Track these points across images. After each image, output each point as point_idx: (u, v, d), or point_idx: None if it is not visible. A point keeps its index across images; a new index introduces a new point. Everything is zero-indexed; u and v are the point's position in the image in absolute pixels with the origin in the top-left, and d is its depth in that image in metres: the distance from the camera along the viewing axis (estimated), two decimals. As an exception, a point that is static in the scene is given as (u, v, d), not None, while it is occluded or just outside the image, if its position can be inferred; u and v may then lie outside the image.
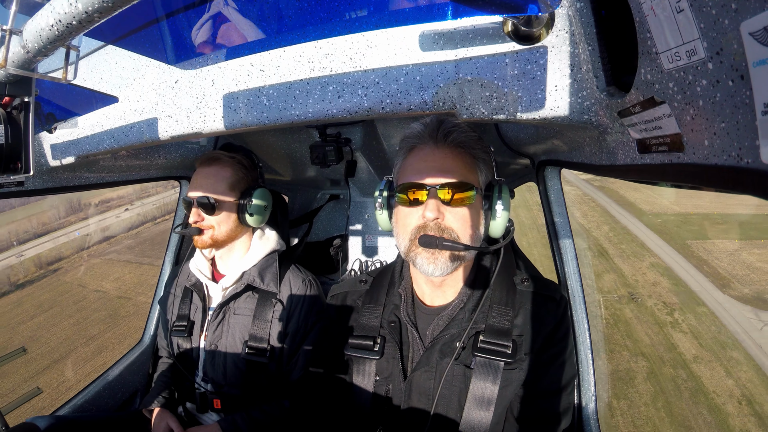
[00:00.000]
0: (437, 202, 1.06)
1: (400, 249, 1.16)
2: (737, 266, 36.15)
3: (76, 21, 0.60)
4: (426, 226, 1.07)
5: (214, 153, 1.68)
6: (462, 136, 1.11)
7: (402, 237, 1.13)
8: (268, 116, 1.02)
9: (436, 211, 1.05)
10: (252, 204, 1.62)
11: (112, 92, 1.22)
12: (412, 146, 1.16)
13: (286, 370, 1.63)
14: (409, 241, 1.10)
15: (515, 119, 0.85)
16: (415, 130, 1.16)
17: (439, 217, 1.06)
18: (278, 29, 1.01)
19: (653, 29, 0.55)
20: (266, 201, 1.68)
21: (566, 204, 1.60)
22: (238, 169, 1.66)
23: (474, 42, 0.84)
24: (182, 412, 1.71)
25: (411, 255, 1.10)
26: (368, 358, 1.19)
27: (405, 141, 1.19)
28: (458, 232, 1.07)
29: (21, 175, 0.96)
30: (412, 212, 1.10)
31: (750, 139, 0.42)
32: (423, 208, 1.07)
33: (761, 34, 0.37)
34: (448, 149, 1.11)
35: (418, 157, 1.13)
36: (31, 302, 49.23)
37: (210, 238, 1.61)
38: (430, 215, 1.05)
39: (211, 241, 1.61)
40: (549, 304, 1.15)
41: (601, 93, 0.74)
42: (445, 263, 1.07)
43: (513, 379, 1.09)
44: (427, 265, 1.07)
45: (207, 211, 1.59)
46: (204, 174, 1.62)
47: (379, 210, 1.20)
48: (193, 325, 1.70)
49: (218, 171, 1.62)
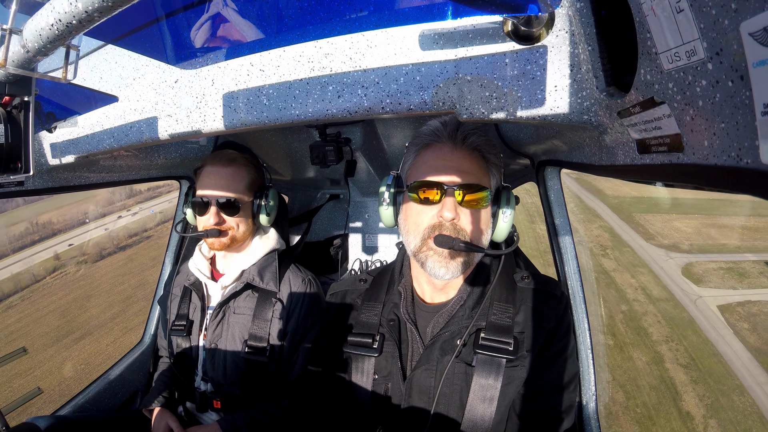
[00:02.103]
0: (454, 201, 1.05)
1: (409, 248, 1.14)
2: (666, 228, 53.70)
3: (76, 20, 0.60)
4: (441, 225, 1.06)
5: (229, 153, 1.68)
6: (480, 140, 1.11)
7: (413, 235, 1.12)
8: (268, 116, 1.02)
9: (454, 211, 1.04)
10: (268, 204, 1.66)
11: (112, 92, 1.22)
12: (427, 144, 1.14)
13: (286, 369, 1.63)
14: (421, 241, 1.09)
15: (515, 119, 0.85)
16: (432, 128, 1.15)
17: (456, 217, 1.05)
18: (278, 29, 1.00)
19: (653, 29, 0.55)
20: (276, 200, 1.72)
21: (566, 204, 1.60)
22: (252, 170, 1.68)
23: (474, 42, 0.84)
24: (182, 412, 1.71)
25: (421, 255, 1.09)
26: (366, 356, 1.19)
27: (420, 138, 1.17)
28: (471, 234, 1.07)
29: (21, 175, 0.96)
30: (426, 210, 1.09)
31: (750, 139, 0.42)
32: (440, 207, 1.06)
33: (761, 35, 0.37)
34: (467, 151, 1.10)
35: (435, 156, 1.12)
36: (141, 258, 66.69)
37: (229, 239, 1.61)
38: (448, 215, 1.04)
39: (229, 241, 1.61)
40: (550, 300, 1.15)
41: (601, 93, 0.74)
42: (456, 267, 1.07)
43: (515, 376, 1.08)
44: (438, 269, 1.07)
45: (229, 212, 1.59)
46: (221, 174, 1.61)
47: (384, 206, 1.17)
48: (192, 325, 1.70)
49: (237, 171, 1.63)
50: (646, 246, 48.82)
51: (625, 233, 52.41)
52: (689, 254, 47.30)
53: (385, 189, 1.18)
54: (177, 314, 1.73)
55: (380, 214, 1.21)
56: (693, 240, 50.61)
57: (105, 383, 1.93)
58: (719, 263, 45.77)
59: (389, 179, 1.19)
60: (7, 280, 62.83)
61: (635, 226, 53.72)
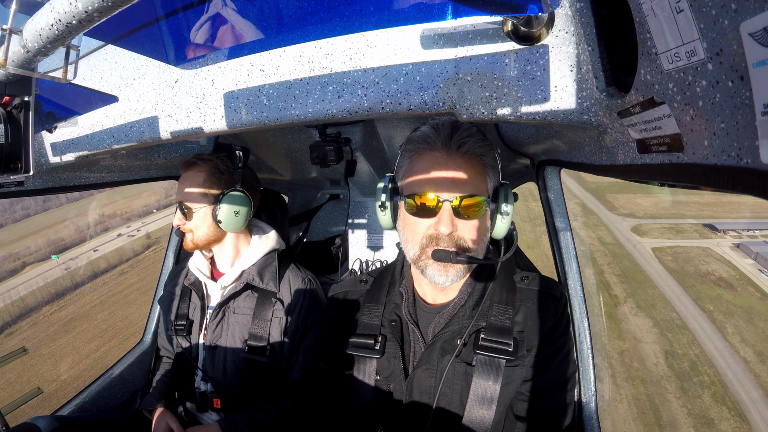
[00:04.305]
0: (451, 215, 1.04)
1: (408, 255, 1.13)
2: (629, 203, 76.22)
3: (76, 20, 0.60)
4: (438, 237, 1.05)
5: (191, 157, 1.66)
6: (476, 144, 1.08)
7: (411, 244, 1.11)
8: (268, 116, 1.02)
9: (450, 224, 1.03)
10: (221, 208, 1.57)
11: (112, 92, 1.22)
12: (420, 151, 1.11)
13: (286, 369, 1.63)
14: (420, 250, 1.08)
15: (515, 119, 0.85)
16: (424, 134, 1.11)
17: (453, 228, 1.04)
18: (278, 29, 1.00)
19: (653, 30, 0.55)
20: (237, 205, 1.60)
21: (566, 203, 1.61)
22: (213, 173, 1.63)
23: (474, 42, 0.84)
24: (182, 412, 1.71)
25: (420, 263, 1.09)
26: (369, 357, 1.19)
27: (413, 144, 1.13)
28: (470, 243, 1.06)
29: (21, 175, 0.95)
30: (422, 221, 1.07)
31: (750, 139, 0.42)
32: (436, 220, 1.05)
33: (761, 35, 0.37)
34: (461, 159, 1.07)
35: (428, 164, 1.08)
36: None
37: (191, 241, 1.63)
38: (444, 230, 1.03)
39: (192, 244, 1.63)
40: (549, 301, 1.15)
41: (601, 93, 0.74)
42: (456, 274, 1.07)
43: (514, 376, 1.09)
44: (438, 276, 1.07)
45: (184, 216, 1.60)
46: (182, 179, 1.64)
47: (381, 211, 1.15)
48: (192, 324, 1.70)
49: (193, 176, 1.62)
50: (608, 214, 71.12)
51: (594, 206, 75.36)
52: (641, 219, 68.37)
53: (381, 193, 1.15)
54: (177, 314, 1.73)
55: (378, 219, 1.19)
56: (648, 210, 72.03)
57: (105, 383, 1.93)
58: (664, 224, 66.11)
59: (386, 180, 1.17)
60: (113, 252, 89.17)
61: (604, 202, 76.03)
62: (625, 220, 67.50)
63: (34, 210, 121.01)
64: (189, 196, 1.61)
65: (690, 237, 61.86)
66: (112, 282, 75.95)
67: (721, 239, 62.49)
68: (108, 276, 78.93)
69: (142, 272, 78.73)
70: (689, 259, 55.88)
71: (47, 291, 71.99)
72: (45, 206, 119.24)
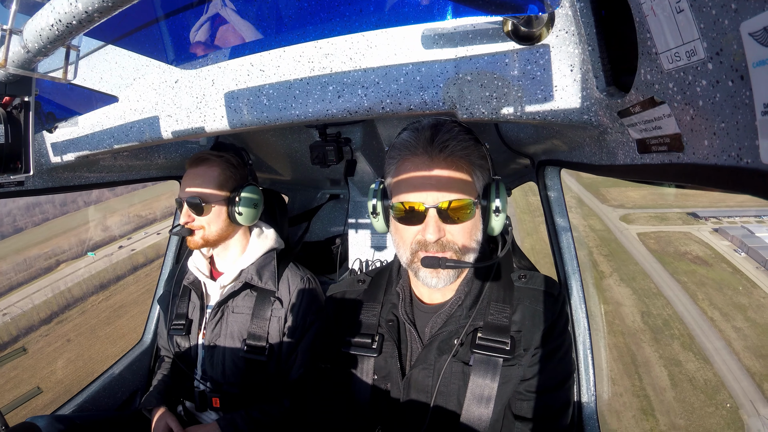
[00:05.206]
0: (437, 221, 1.03)
1: (401, 259, 1.14)
2: (620, 196, 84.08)
3: (76, 21, 0.60)
4: (427, 243, 1.05)
5: (201, 153, 1.67)
6: (458, 146, 1.05)
7: (402, 249, 1.11)
8: (268, 116, 1.02)
9: (437, 231, 1.03)
10: (241, 201, 1.60)
11: (112, 92, 1.22)
12: (404, 157, 1.10)
13: (285, 368, 1.63)
14: (411, 254, 1.08)
15: (515, 119, 0.85)
16: (405, 140, 1.10)
17: (441, 233, 1.04)
18: (278, 29, 1.00)
19: (653, 29, 0.55)
20: (256, 197, 1.66)
21: (566, 203, 1.61)
22: (227, 168, 1.65)
23: (474, 42, 0.84)
24: (181, 411, 1.71)
25: (413, 267, 1.09)
26: (366, 356, 1.19)
27: (396, 150, 1.12)
28: (460, 245, 1.06)
29: (21, 175, 0.96)
30: (410, 229, 1.08)
31: (750, 139, 0.42)
32: (423, 227, 1.05)
33: (761, 35, 0.37)
34: (444, 162, 1.05)
35: (412, 171, 1.07)
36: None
37: (201, 238, 1.61)
38: (431, 237, 1.02)
39: (202, 241, 1.61)
40: (547, 300, 1.15)
41: (601, 93, 0.74)
42: (447, 276, 1.07)
43: (512, 375, 1.09)
44: (429, 279, 1.07)
45: (196, 212, 1.59)
46: (192, 174, 1.62)
47: (374, 217, 1.16)
48: (191, 324, 1.70)
49: (206, 171, 1.61)
50: (600, 205, 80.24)
51: (588, 199, 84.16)
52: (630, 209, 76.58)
53: (371, 198, 1.15)
54: (176, 313, 1.73)
55: (372, 223, 1.19)
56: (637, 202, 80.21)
57: (105, 383, 1.93)
58: (650, 213, 73.93)
59: (376, 185, 1.17)
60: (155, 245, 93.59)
61: (597, 195, 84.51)
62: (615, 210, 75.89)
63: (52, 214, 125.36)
64: (203, 191, 1.60)
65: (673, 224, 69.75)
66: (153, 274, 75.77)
67: (702, 225, 69.93)
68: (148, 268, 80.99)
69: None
70: (670, 241, 63.66)
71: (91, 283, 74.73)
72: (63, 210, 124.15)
